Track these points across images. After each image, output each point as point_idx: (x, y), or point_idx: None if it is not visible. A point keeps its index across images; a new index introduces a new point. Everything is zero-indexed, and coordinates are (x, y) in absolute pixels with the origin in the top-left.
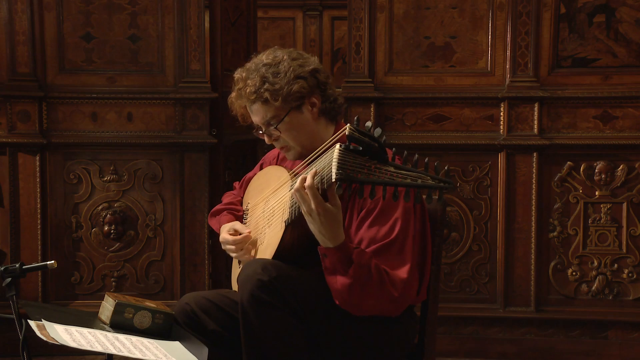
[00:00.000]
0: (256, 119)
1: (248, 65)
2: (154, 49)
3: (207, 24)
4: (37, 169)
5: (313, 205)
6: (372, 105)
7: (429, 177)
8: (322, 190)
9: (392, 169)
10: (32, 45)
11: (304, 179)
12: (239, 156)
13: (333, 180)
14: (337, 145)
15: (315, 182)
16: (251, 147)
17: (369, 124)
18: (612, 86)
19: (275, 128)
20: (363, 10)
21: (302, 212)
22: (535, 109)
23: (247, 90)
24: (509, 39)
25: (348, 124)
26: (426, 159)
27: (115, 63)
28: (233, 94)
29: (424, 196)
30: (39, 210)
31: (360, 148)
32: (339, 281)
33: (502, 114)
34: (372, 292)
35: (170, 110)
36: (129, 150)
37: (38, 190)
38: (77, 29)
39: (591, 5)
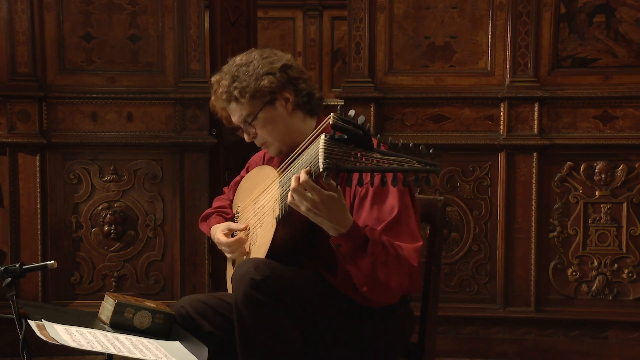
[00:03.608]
0: (234, 118)
1: (224, 67)
2: (154, 49)
3: (207, 24)
4: (37, 169)
5: (315, 197)
6: (372, 105)
7: (415, 161)
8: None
9: (378, 155)
10: (32, 45)
11: (297, 178)
12: (239, 156)
13: (321, 170)
14: (322, 136)
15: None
16: (251, 147)
17: (352, 112)
18: (612, 86)
19: (250, 125)
20: (363, 10)
21: (305, 209)
22: (535, 109)
23: (220, 91)
24: (509, 39)
25: (332, 113)
26: (410, 144)
27: (115, 63)
28: (212, 97)
29: (411, 180)
30: (39, 210)
31: (345, 136)
32: (361, 265)
33: (502, 114)
34: (393, 267)
35: (170, 110)
36: (129, 150)
37: (38, 190)
38: (77, 29)
39: (591, 5)
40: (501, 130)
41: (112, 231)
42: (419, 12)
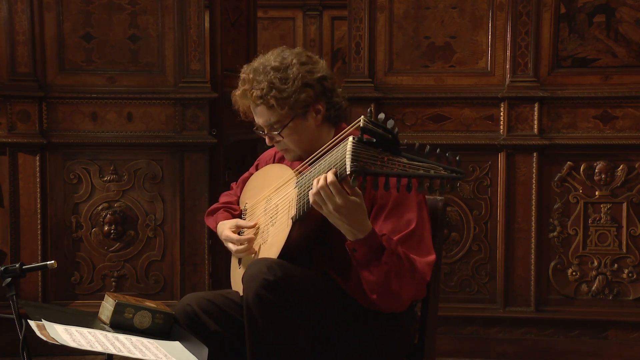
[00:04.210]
0: (259, 120)
1: (255, 65)
2: (154, 49)
3: (207, 24)
4: (37, 169)
5: (340, 201)
6: (372, 105)
7: (441, 168)
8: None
9: (404, 160)
10: (32, 45)
11: (324, 178)
12: (239, 156)
13: (348, 172)
14: (350, 138)
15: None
16: (251, 147)
17: (382, 115)
18: (612, 86)
19: (279, 134)
20: (363, 10)
21: (327, 212)
22: (535, 109)
23: (254, 94)
24: (509, 39)
25: (362, 116)
26: (437, 150)
27: (115, 63)
28: (238, 92)
29: (437, 187)
30: (39, 210)
31: (374, 140)
32: (374, 272)
33: (502, 114)
34: (406, 279)
35: (170, 110)
36: (129, 150)
37: (38, 190)
38: (77, 29)
39: (591, 5)
40: (501, 130)
41: (112, 231)
42: (419, 12)
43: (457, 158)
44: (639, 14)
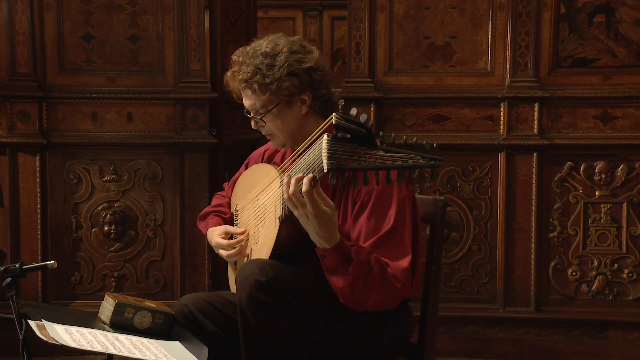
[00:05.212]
0: (246, 103)
1: (248, 48)
2: (154, 49)
3: (207, 24)
4: (37, 169)
5: (311, 210)
6: (372, 105)
7: (419, 157)
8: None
9: (381, 152)
10: (32, 45)
11: (297, 181)
12: (239, 156)
13: (325, 170)
14: (325, 136)
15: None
16: (251, 147)
17: (354, 110)
18: (612, 86)
19: (261, 119)
20: (363, 10)
21: (297, 215)
22: (535, 109)
23: (240, 77)
24: (509, 39)
25: (334, 113)
26: (414, 139)
27: (115, 63)
28: (228, 74)
29: (416, 175)
30: (39, 210)
31: (348, 136)
32: (340, 280)
33: (502, 114)
34: (375, 286)
35: (170, 110)
36: (129, 150)
37: (38, 190)
38: (77, 29)
39: (591, 5)
40: (501, 130)
41: (112, 231)
42: (419, 12)
43: (435, 145)
44: (639, 14)
